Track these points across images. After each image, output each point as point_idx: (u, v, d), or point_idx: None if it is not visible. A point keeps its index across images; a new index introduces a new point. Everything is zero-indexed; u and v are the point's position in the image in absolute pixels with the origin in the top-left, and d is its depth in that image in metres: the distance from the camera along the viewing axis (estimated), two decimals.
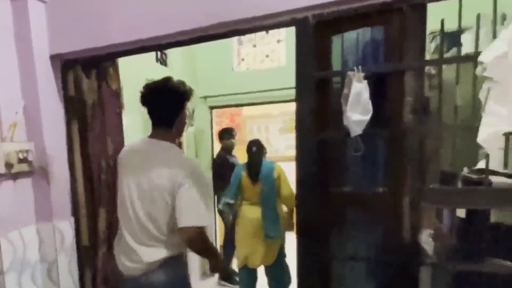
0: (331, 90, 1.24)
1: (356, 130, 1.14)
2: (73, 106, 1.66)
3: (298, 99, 1.22)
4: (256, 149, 2.89)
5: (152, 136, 1.52)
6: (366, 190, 1.26)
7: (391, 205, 1.19)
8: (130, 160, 1.52)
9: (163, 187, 1.39)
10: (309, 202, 1.27)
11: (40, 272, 1.59)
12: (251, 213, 2.86)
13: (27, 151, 1.51)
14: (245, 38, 3.74)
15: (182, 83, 1.52)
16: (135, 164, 1.48)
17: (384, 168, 1.24)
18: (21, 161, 1.48)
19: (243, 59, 3.82)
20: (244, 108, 5.15)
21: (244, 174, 2.90)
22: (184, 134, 3.01)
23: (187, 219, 1.37)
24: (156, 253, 1.42)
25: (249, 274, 3.00)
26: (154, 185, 1.41)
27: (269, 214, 2.79)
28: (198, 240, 1.40)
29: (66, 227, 1.66)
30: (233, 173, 2.97)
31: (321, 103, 1.21)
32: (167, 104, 1.49)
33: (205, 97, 3.71)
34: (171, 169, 1.39)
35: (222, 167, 3.62)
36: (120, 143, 1.88)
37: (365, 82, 1.13)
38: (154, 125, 1.53)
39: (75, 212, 1.71)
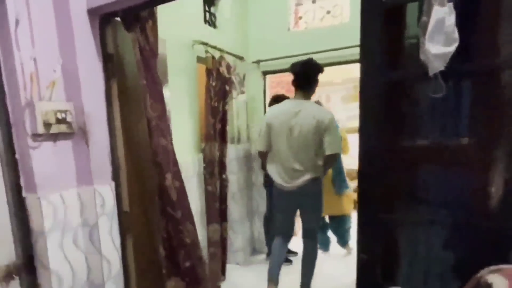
0: (405, 21, 1.03)
1: (437, 65, 0.91)
2: (112, 64, 1.57)
3: (364, 32, 1.02)
4: None
5: (297, 97, 2.43)
6: (447, 142, 1.05)
7: (478, 158, 0.98)
8: (286, 116, 2.36)
9: (315, 129, 2.29)
10: (373, 158, 1.09)
11: (82, 235, 1.56)
12: None
13: (65, 112, 1.45)
14: None
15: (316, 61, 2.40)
16: (292, 117, 2.34)
17: (470, 113, 1.03)
18: (59, 121, 1.42)
19: (300, 17, 3.41)
20: None
21: None
22: (234, 101, 2.87)
23: (334, 148, 2.31)
24: (307, 176, 2.37)
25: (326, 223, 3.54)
26: (308, 129, 2.30)
27: (335, 171, 3.23)
28: (336, 161, 2.47)
29: (106, 192, 1.61)
30: None
31: (391, 36, 1.01)
32: (310, 74, 2.38)
33: (258, 62, 3.40)
34: (318, 117, 2.30)
35: None
36: (162, 108, 1.75)
37: (450, 5, 0.91)
38: (299, 89, 2.41)
39: (116, 177, 1.65)
